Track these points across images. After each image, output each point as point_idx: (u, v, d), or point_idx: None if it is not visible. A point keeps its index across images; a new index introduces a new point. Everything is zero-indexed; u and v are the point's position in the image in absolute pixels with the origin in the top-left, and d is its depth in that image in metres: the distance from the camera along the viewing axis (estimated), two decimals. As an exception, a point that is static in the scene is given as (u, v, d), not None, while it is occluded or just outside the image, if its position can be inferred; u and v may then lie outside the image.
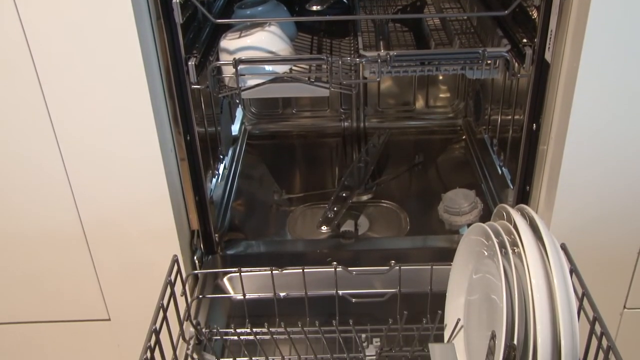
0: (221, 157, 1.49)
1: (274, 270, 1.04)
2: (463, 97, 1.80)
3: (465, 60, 1.10)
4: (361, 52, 1.11)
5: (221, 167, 1.49)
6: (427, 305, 1.05)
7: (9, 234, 1.13)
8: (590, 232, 1.09)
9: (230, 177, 1.56)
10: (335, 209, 1.38)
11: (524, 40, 1.09)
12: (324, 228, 1.34)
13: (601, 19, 0.90)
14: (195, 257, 1.22)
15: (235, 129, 1.75)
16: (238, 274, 1.06)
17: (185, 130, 1.11)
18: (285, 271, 1.05)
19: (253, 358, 1.02)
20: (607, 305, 0.99)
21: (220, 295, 1.17)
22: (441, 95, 1.82)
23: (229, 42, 1.12)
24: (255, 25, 1.13)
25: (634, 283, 1.15)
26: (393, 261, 1.05)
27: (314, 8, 1.32)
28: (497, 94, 1.45)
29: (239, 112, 1.80)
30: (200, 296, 1.13)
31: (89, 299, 1.22)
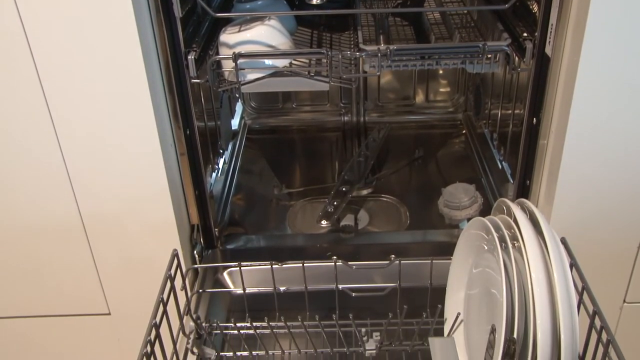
0: (221, 151, 1.49)
1: (274, 265, 1.04)
2: (463, 92, 1.79)
3: (465, 54, 1.10)
4: (361, 46, 1.11)
5: (221, 161, 1.49)
6: (427, 300, 1.05)
7: (9, 228, 1.13)
8: (590, 227, 1.09)
9: (230, 172, 1.56)
10: (335, 203, 1.38)
11: (525, 34, 1.09)
12: (323, 222, 1.35)
13: (602, 13, 0.89)
14: (195, 252, 1.23)
15: (235, 123, 1.75)
16: (238, 268, 1.06)
17: (185, 125, 1.11)
18: (285, 265, 1.05)
19: (253, 352, 1.02)
20: (607, 299, 1.00)
21: (220, 290, 1.17)
22: (441, 90, 1.81)
23: (228, 36, 1.11)
24: (255, 19, 1.13)
25: (634, 277, 1.15)
26: (393, 255, 1.05)
27: (314, 2, 1.32)
28: (498, 88, 1.44)
29: (238, 107, 1.80)
30: (200, 290, 1.13)
31: (89, 293, 1.22)
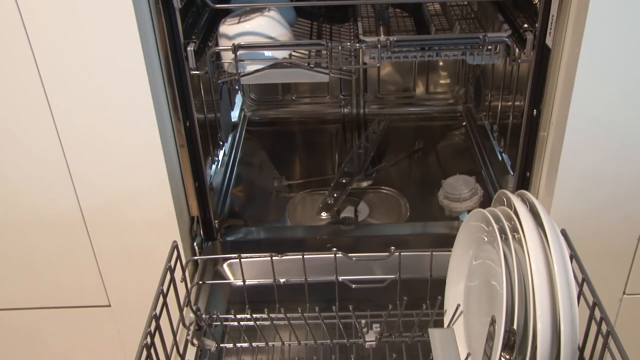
0: (221, 143, 1.49)
1: (274, 257, 1.04)
2: (463, 83, 1.79)
3: (465, 46, 1.09)
4: (361, 37, 1.11)
5: (221, 153, 1.48)
6: (427, 291, 1.05)
7: (9, 221, 1.13)
8: (590, 218, 1.09)
9: (230, 164, 1.56)
10: (335, 195, 1.38)
11: (525, 26, 1.08)
12: (323, 214, 1.34)
13: (603, 4, 0.89)
14: (195, 244, 1.23)
15: (234, 115, 1.74)
16: (238, 260, 1.06)
17: (185, 117, 1.11)
18: (285, 257, 1.05)
19: (253, 344, 1.02)
20: (606, 291, 1.00)
21: (220, 281, 1.17)
22: (441, 82, 1.81)
23: (228, 28, 1.11)
24: (254, 11, 1.13)
25: (634, 269, 1.16)
26: (393, 247, 1.05)
27: (314, -7, 1.31)
28: (498, 80, 1.44)
29: (238, 99, 1.80)
30: (200, 282, 1.13)
31: (89, 285, 1.22)
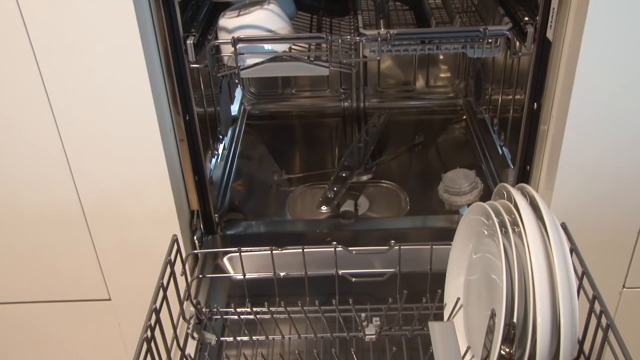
0: (220, 137, 1.49)
1: (274, 250, 1.04)
2: (464, 77, 1.78)
3: (466, 39, 1.09)
4: (361, 30, 1.10)
5: (220, 147, 1.48)
6: (426, 285, 1.05)
7: (8, 214, 1.13)
8: (590, 212, 1.09)
9: (230, 158, 1.56)
10: (335, 189, 1.38)
11: (526, 19, 1.08)
12: (323, 208, 1.34)
13: (604, -3, 0.89)
14: (195, 237, 1.23)
15: (234, 109, 1.74)
16: (238, 253, 1.06)
17: (184, 111, 1.11)
18: (285, 251, 1.05)
19: (253, 337, 1.03)
20: (606, 284, 1.00)
21: (220, 275, 1.17)
22: (442, 75, 1.80)
23: (227, 21, 1.11)
24: (254, 4, 1.12)
25: (634, 262, 1.16)
26: (393, 241, 1.05)
27: (314, -14, 1.31)
28: (498, 74, 1.44)
29: (238, 92, 1.79)
30: (200, 276, 1.13)
31: (89, 279, 1.22)
